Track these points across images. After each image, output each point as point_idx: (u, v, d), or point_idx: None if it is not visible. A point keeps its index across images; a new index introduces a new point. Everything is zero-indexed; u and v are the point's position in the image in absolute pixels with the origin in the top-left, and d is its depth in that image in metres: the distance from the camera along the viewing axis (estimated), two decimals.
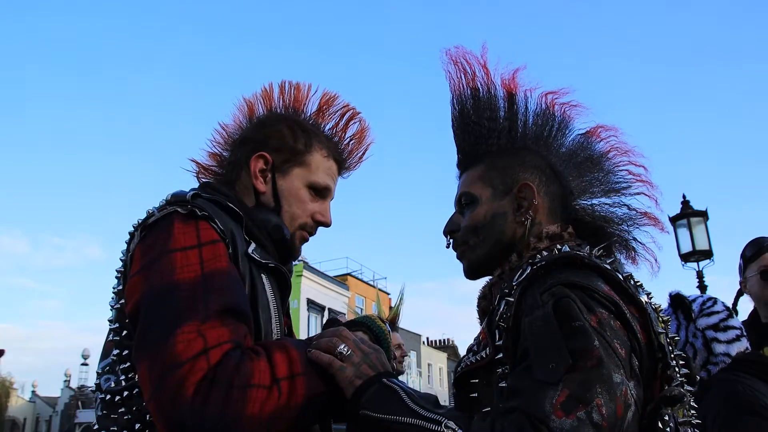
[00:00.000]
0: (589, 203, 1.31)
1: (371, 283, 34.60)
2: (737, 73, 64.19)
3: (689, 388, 1.09)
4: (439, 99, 1.54)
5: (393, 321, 2.61)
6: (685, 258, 8.52)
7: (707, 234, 8.43)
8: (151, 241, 1.10)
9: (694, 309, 2.14)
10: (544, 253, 1.14)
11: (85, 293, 64.46)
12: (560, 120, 1.36)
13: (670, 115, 63.70)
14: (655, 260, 1.31)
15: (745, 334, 2.09)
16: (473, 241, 1.27)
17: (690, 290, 2.29)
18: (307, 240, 1.40)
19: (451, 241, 1.34)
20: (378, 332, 1.27)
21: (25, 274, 60.94)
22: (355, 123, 1.48)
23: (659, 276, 1.31)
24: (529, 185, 1.24)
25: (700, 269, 8.54)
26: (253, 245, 1.21)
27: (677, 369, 1.06)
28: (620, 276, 1.06)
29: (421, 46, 62.91)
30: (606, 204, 1.32)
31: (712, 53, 66.45)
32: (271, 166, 1.34)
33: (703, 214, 8.49)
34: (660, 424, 0.97)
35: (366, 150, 1.51)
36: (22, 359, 60.15)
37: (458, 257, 1.32)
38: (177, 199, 1.15)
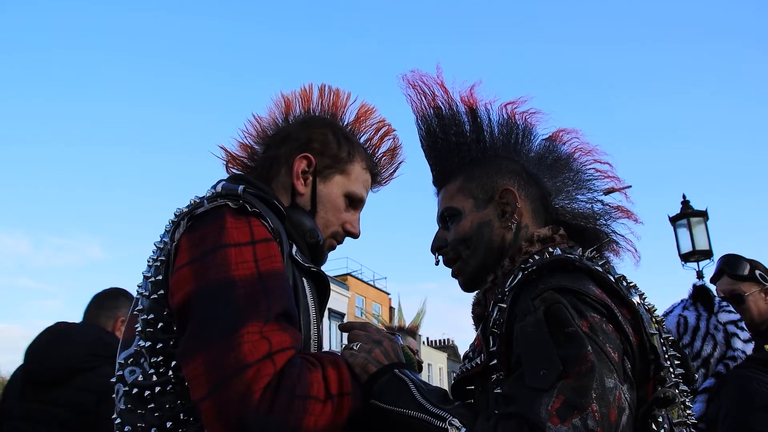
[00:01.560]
0: (568, 202, 1.33)
1: (371, 283, 34.64)
2: (738, 72, 64.32)
3: (684, 388, 1.09)
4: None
5: (414, 329, 2.70)
6: (685, 258, 8.51)
7: (707, 234, 8.41)
8: (202, 232, 1.06)
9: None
10: (536, 257, 1.14)
11: (84, 293, 64.40)
12: (524, 127, 1.38)
13: (671, 115, 63.82)
14: (635, 250, 1.33)
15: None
16: (465, 253, 1.28)
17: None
18: (334, 248, 1.38)
19: (440, 258, 1.34)
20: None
21: (26, 274, 60.93)
22: (389, 140, 1.47)
23: (659, 276, 1.33)
24: (510, 190, 1.25)
25: (700, 269, 8.52)
26: (295, 247, 1.19)
27: (671, 369, 1.06)
28: (612, 278, 1.06)
29: (426, 41, 62.97)
30: (582, 201, 1.34)
31: (712, 54, 66.55)
32: (313, 169, 1.32)
33: (703, 214, 8.48)
34: (654, 426, 0.97)
35: (397, 168, 1.50)
36: (20, 359, 59.96)
37: (453, 274, 1.33)
38: (228, 192, 1.11)
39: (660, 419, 0.98)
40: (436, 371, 38.14)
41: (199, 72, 56.45)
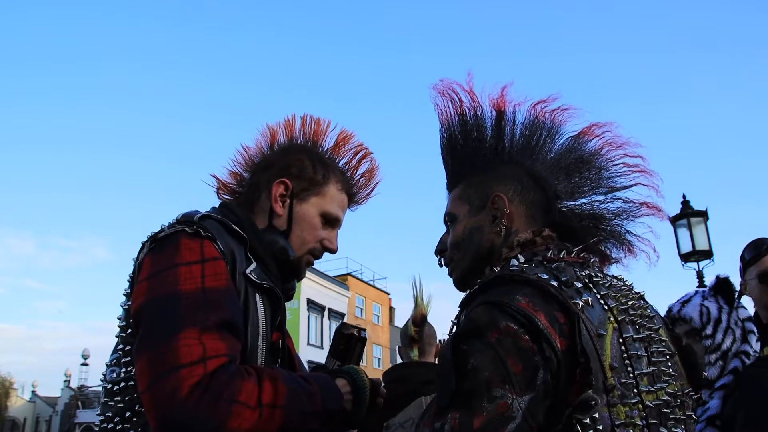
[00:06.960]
0: (578, 203, 1.33)
1: (371, 283, 34.65)
2: (738, 72, 64.30)
3: (647, 388, 1.06)
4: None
5: (425, 317, 2.86)
6: (685, 258, 8.50)
7: (707, 234, 8.41)
8: (160, 253, 1.22)
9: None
10: (495, 270, 1.18)
11: (87, 294, 64.48)
12: (549, 127, 1.38)
13: (671, 115, 63.82)
14: (654, 250, 1.32)
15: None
16: (457, 256, 1.33)
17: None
18: (312, 264, 1.52)
19: (442, 260, 1.40)
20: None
21: (31, 275, 60.98)
22: (366, 162, 1.61)
23: (659, 276, 1.32)
24: (500, 196, 1.28)
25: (700, 269, 8.52)
26: (253, 265, 1.31)
27: (630, 369, 1.05)
28: (554, 283, 1.06)
29: (417, 41, 62.97)
30: (598, 201, 1.34)
31: (712, 52, 66.58)
32: (290, 193, 1.46)
33: (703, 214, 8.47)
34: (579, 427, 0.96)
35: (374, 188, 1.64)
36: (22, 359, 60.13)
37: (449, 274, 1.38)
38: (186, 219, 1.26)
39: (587, 421, 0.96)
40: None
41: (207, 75, 56.52)
